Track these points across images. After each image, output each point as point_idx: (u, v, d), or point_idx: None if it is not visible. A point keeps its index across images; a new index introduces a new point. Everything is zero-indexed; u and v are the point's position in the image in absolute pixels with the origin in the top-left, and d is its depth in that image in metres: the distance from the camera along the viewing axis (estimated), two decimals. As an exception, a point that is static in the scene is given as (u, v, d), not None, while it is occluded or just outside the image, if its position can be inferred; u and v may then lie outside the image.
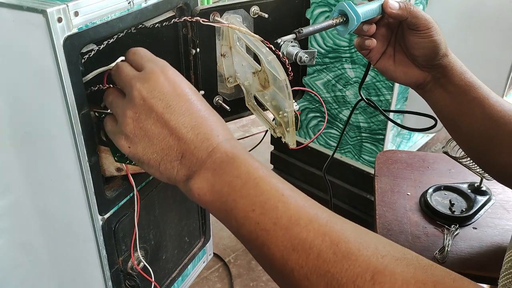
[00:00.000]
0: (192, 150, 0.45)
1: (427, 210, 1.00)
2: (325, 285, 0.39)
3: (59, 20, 0.45)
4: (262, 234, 0.42)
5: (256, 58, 0.63)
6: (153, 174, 0.48)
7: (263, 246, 0.42)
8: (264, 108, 0.67)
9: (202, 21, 0.59)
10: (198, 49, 0.63)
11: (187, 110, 0.46)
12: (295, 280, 0.40)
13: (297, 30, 0.61)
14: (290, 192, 0.44)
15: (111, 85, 0.51)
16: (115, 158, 0.54)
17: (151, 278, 0.66)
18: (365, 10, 0.64)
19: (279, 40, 0.60)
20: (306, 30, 0.61)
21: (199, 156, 0.45)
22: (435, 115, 0.74)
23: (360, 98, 0.81)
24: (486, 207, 1.01)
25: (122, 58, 0.51)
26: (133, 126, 0.46)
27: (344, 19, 0.64)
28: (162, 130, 0.45)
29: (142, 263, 0.66)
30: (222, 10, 0.62)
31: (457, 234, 0.94)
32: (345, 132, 1.63)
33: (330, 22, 0.64)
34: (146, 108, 0.45)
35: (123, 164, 0.56)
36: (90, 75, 0.51)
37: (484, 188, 1.03)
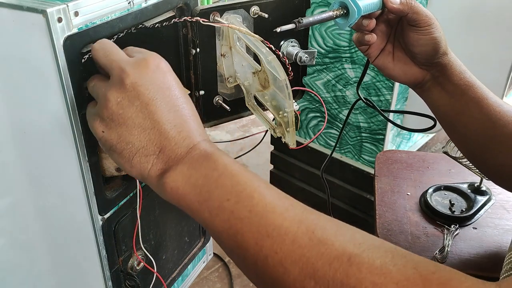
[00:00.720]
0: (172, 146, 0.44)
1: (427, 210, 1.00)
2: (299, 270, 0.38)
3: (59, 20, 0.45)
4: (237, 222, 0.41)
5: (256, 58, 0.63)
6: (122, 165, 0.46)
7: (237, 235, 0.41)
8: (264, 108, 0.67)
9: (202, 21, 0.59)
10: (198, 49, 0.63)
11: (173, 106, 0.45)
12: (269, 267, 0.39)
13: (296, 20, 0.60)
14: (266, 185, 0.43)
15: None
16: None
17: (154, 269, 0.66)
18: (366, 4, 0.63)
19: (278, 29, 0.60)
20: (306, 20, 0.60)
21: (178, 152, 0.44)
22: (433, 116, 0.74)
23: (358, 98, 0.80)
24: (486, 207, 1.01)
25: None
26: (112, 110, 0.44)
27: (345, 11, 0.63)
28: (144, 121, 0.44)
29: (145, 257, 0.66)
30: (222, 10, 0.62)
31: (457, 234, 0.94)
32: (345, 132, 1.63)
33: (330, 13, 0.63)
34: (132, 95, 0.44)
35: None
36: None
37: (484, 188, 1.03)
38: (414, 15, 0.64)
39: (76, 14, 0.46)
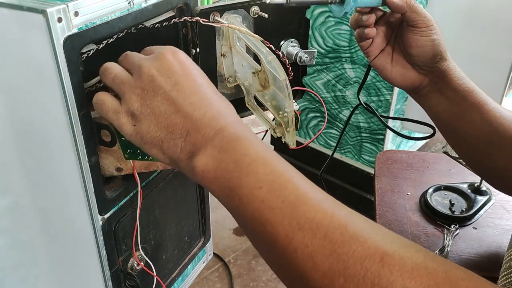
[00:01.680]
0: (198, 127, 0.44)
1: (427, 210, 1.00)
2: (329, 266, 0.37)
3: (59, 20, 0.45)
4: (267, 212, 0.40)
5: (256, 58, 0.63)
6: (155, 155, 0.47)
7: (267, 225, 0.40)
8: (264, 108, 0.67)
9: (202, 21, 0.59)
10: (198, 49, 0.63)
11: (196, 90, 0.46)
12: (298, 260, 0.38)
13: None
14: (299, 175, 0.43)
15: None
16: (125, 155, 0.54)
17: (153, 273, 0.66)
18: None
19: (267, 0, 0.60)
20: None
21: (206, 133, 0.44)
22: (433, 123, 0.73)
23: (359, 103, 0.80)
24: (486, 207, 1.01)
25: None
26: (140, 103, 0.45)
27: None
28: (168, 107, 0.45)
29: (143, 260, 0.66)
30: (222, 10, 0.62)
31: (457, 234, 0.94)
32: (345, 132, 1.63)
33: None
34: (154, 86, 0.45)
35: (124, 164, 0.56)
36: (93, 81, 0.52)
37: (484, 188, 1.03)
38: (413, 14, 0.64)
39: (76, 14, 0.46)
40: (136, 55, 0.49)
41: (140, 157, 0.54)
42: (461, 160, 0.94)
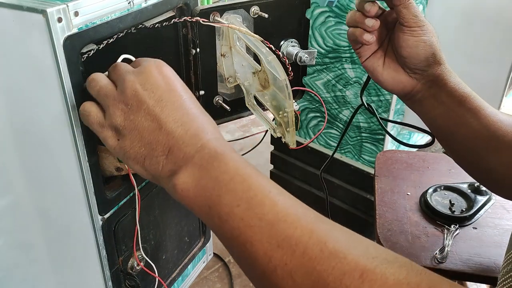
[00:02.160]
0: (180, 145, 0.44)
1: (427, 210, 1.00)
2: (309, 284, 0.37)
3: (59, 20, 0.45)
4: (246, 230, 0.40)
5: (256, 58, 0.63)
6: (137, 171, 0.47)
7: (246, 243, 0.40)
8: (264, 108, 0.67)
9: (202, 21, 0.59)
10: (198, 49, 0.63)
11: (179, 106, 0.46)
12: (278, 279, 0.38)
13: None
14: (278, 190, 0.42)
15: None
16: (119, 159, 0.54)
17: (155, 274, 0.66)
18: None
19: None
20: None
21: (187, 151, 0.44)
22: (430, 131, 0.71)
23: (361, 103, 0.79)
24: (486, 207, 1.01)
25: (124, 56, 0.52)
26: (123, 117, 0.45)
27: None
28: (151, 124, 0.45)
29: (144, 260, 0.66)
30: (222, 10, 0.62)
31: (457, 234, 0.94)
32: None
33: None
34: (138, 100, 0.45)
35: (124, 164, 0.56)
36: None
37: (484, 188, 1.03)
38: (404, 10, 0.61)
39: (76, 14, 0.46)
40: (124, 66, 0.48)
41: None
42: (461, 160, 0.94)
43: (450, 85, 0.65)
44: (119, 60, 0.51)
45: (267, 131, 0.70)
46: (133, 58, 0.52)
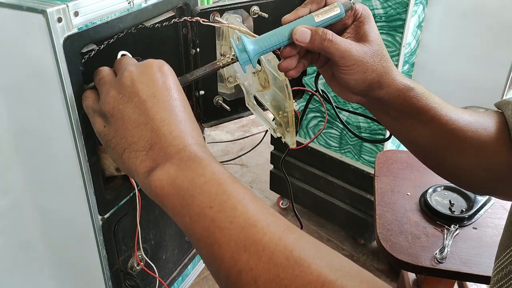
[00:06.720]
0: (162, 144, 0.44)
1: (427, 210, 1.00)
2: None
3: (59, 20, 0.45)
4: (216, 231, 0.40)
5: (256, 58, 0.63)
6: (115, 161, 0.47)
7: (214, 245, 0.40)
8: (264, 108, 0.68)
9: (202, 21, 0.59)
10: (198, 49, 0.63)
11: (169, 106, 0.46)
12: (242, 284, 0.38)
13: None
14: (251, 197, 0.42)
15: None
16: None
17: (155, 274, 0.66)
18: (263, 44, 0.54)
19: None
20: (191, 77, 0.54)
21: (168, 151, 0.44)
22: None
23: (315, 89, 0.69)
24: (486, 207, 1.01)
25: (123, 52, 0.52)
26: (112, 106, 0.46)
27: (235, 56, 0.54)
28: (139, 117, 0.45)
29: (144, 261, 0.66)
30: (222, 10, 0.62)
31: (457, 234, 0.94)
32: (345, 132, 1.63)
33: (216, 66, 0.55)
34: (131, 91, 0.45)
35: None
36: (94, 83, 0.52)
37: (484, 188, 1.03)
38: (328, 54, 0.55)
39: (76, 14, 0.46)
40: (129, 59, 0.49)
41: None
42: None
43: (397, 102, 0.60)
44: (118, 56, 0.51)
45: (267, 131, 0.70)
46: (130, 55, 0.52)
